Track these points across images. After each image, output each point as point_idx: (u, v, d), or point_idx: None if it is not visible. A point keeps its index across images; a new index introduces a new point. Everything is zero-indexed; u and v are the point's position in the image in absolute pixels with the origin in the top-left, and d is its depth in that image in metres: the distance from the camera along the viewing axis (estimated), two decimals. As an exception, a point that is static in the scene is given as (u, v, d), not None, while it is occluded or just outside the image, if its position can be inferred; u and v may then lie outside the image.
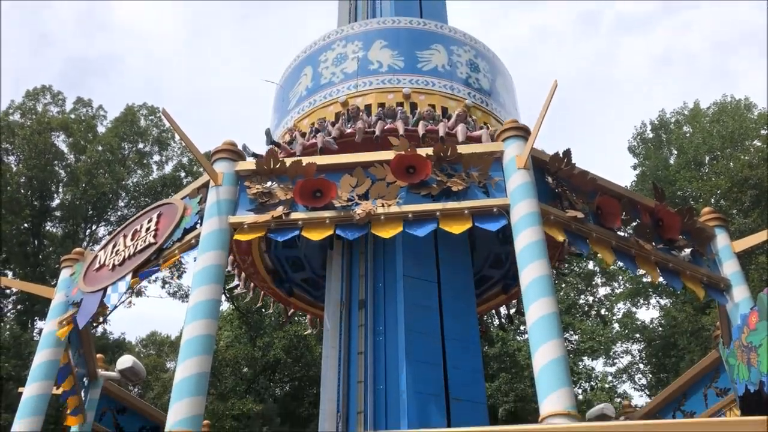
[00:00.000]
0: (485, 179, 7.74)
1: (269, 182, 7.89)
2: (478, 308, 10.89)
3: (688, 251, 8.56)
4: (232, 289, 12.18)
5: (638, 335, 31.83)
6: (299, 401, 29.17)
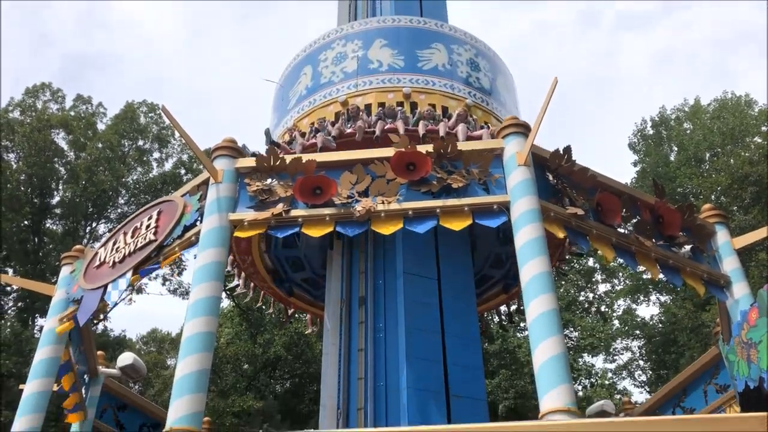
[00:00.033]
0: (485, 176, 7.74)
1: (269, 179, 7.90)
2: (478, 308, 10.89)
3: (688, 248, 8.58)
4: (232, 289, 12.19)
5: (638, 332, 31.86)
6: (300, 398, 29.21)
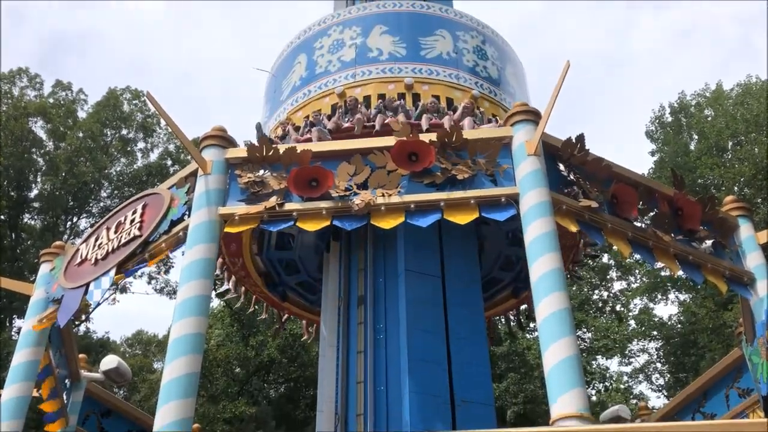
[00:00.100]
0: (493, 167, 7.71)
1: (262, 171, 7.87)
2: (486, 312, 10.88)
3: (709, 243, 8.56)
4: (222, 293, 12.16)
5: (656, 332, 31.92)
6: (295, 403, 29.30)
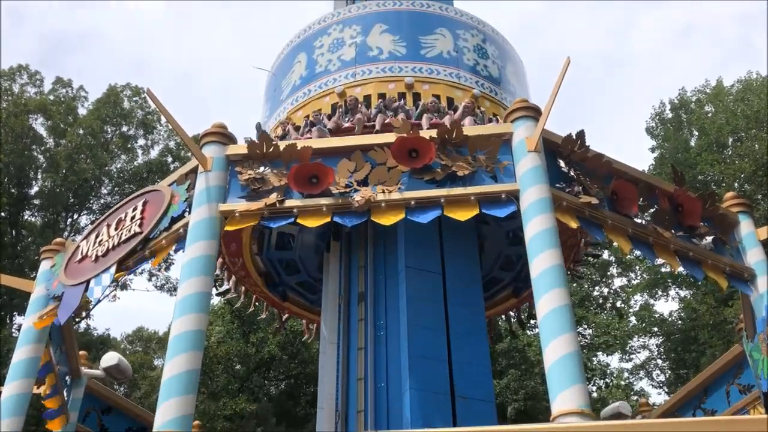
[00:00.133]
0: (493, 163, 7.71)
1: (262, 167, 7.87)
2: (487, 312, 10.88)
3: (709, 239, 8.56)
4: (222, 293, 12.13)
5: (656, 329, 31.90)
6: (295, 400, 29.32)
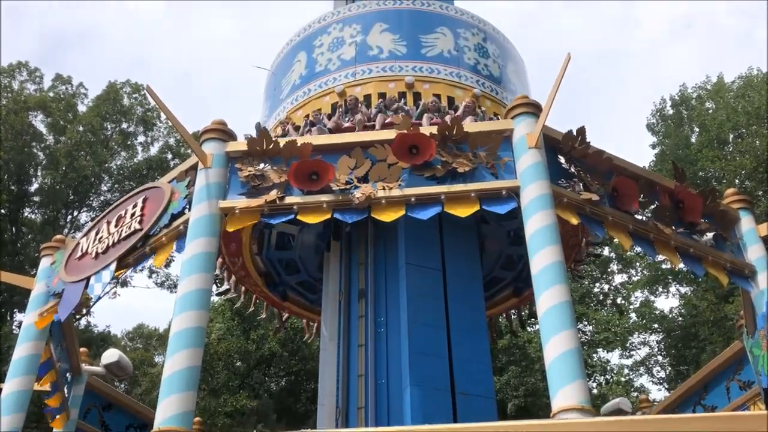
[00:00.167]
0: (493, 159, 7.71)
1: (262, 164, 7.87)
2: (487, 311, 10.87)
3: (710, 235, 8.56)
4: (222, 293, 12.11)
5: (657, 325, 31.92)
6: (296, 397, 29.35)
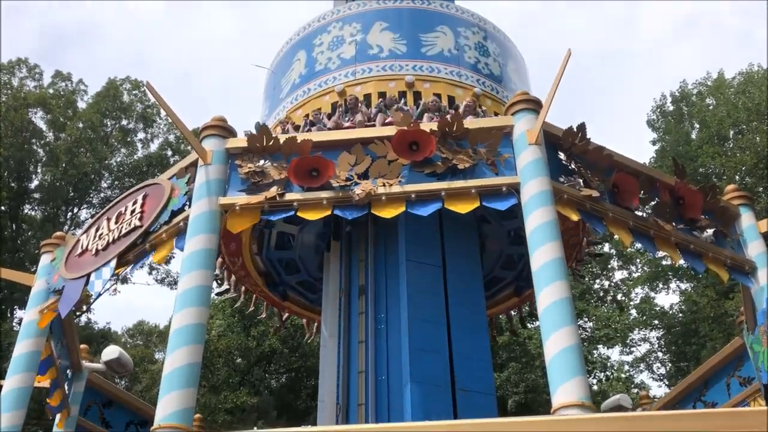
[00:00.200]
0: (494, 156, 7.72)
1: (262, 161, 7.87)
2: (488, 311, 10.88)
3: (710, 232, 8.56)
4: (222, 293, 12.09)
5: (657, 322, 31.91)
6: (296, 393, 29.37)
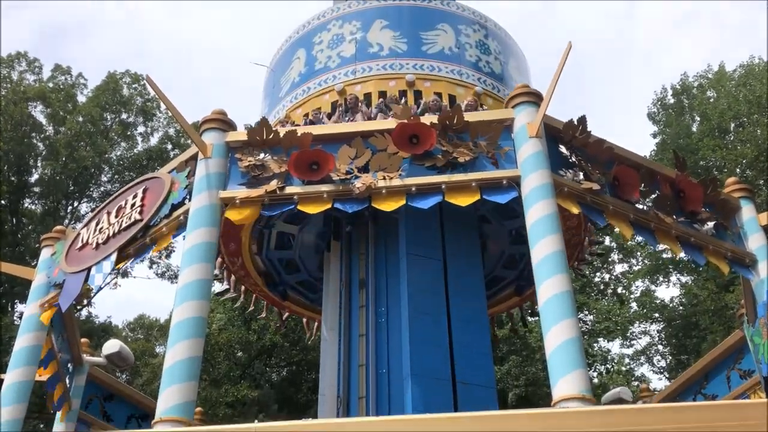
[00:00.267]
0: (494, 149, 7.71)
1: (262, 154, 7.86)
2: (489, 309, 10.88)
3: (711, 224, 8.56)
4: (222, 293, 12.07)
5: (657, 315, 31.93)
6: (297, 387, 29.41)
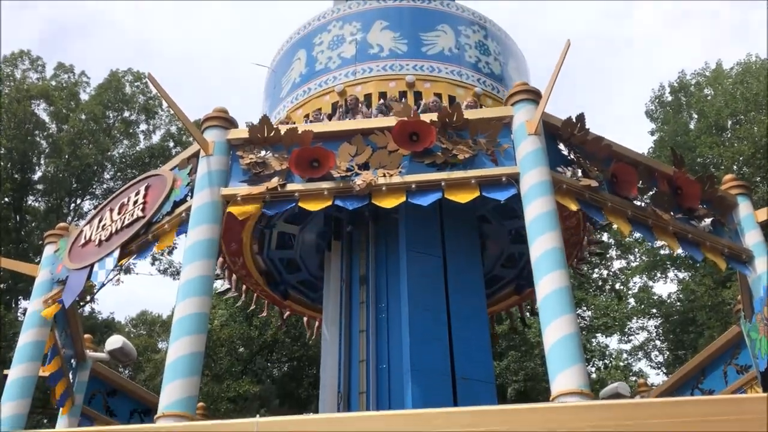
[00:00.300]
0: (493, 146, 7.72)
1: (263, 152, 7.87)
2: (489, 308, 10.90)
3: (708, 221, 8.57)
4: (223, 293, 12.08)
5: (655, 310, 31.95)
6: (298, 382, 29.44)
